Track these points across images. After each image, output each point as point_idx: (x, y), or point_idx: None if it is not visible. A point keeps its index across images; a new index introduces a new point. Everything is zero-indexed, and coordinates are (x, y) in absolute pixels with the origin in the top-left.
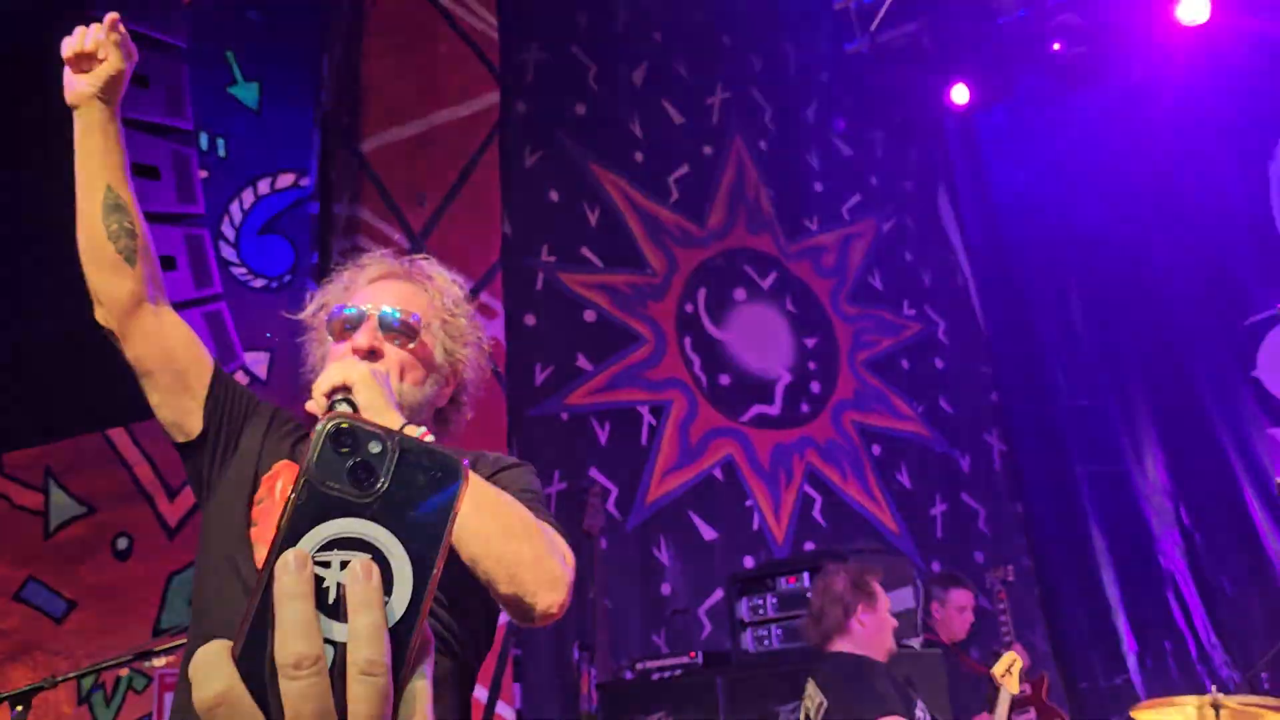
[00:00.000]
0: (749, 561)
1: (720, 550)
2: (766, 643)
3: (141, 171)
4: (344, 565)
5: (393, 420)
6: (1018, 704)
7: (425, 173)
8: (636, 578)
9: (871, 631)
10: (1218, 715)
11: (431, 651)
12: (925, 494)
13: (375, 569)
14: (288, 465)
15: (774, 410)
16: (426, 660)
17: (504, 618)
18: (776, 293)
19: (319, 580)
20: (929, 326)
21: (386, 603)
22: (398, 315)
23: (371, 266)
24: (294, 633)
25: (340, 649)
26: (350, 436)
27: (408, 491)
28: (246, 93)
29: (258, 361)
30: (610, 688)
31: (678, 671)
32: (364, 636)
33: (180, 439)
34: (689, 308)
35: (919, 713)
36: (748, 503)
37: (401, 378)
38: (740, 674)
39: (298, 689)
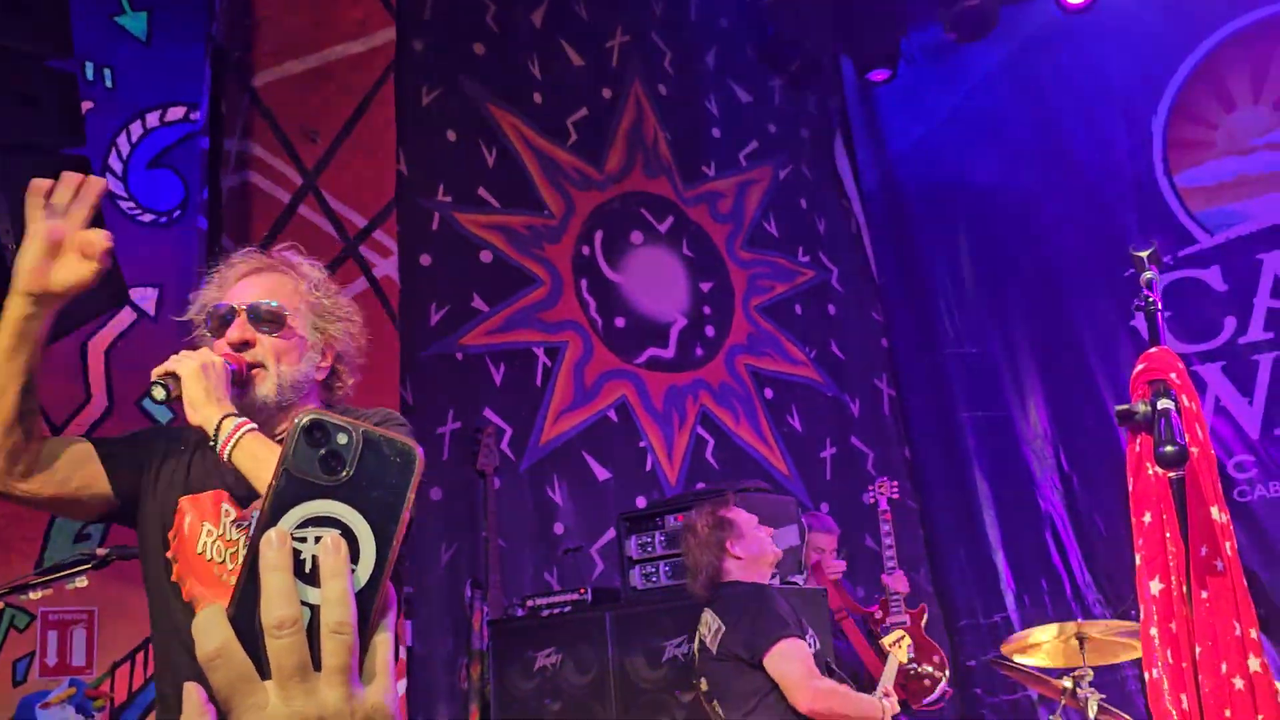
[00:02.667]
0: (642, 502)
1: (613, 490)
2: (654, 579)
3: (22, 101)
4: (317, 540)
5: (211, 412)
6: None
7: (319, 109)
8: (530, 517)
9: (748, 559)
10: (1082, 645)
11: (393, 609)
12: (816, 437)
13: (343, 543)
14: (190, 501)
15: (668, 353)
16: (388, 616)
17: None
18: (673, 237)
19: (296, 553)
20: (822, 273)
21: (353, 571)
22: (264, 307)
23: (239, 264)
24: (277, 599)
25: (315, 610)
26: (321, 430)
27: (371, 475)
28: (134, 23)
29: (145, 298)
30: (501, 625)
31: (567, 608)
32: (334, 600)
33: (121, 519)
34: (585, 250)
35: (809, 639)
36: (641, 444)
37: (279, 361)
38: (628, 610)
39: (281, 645)
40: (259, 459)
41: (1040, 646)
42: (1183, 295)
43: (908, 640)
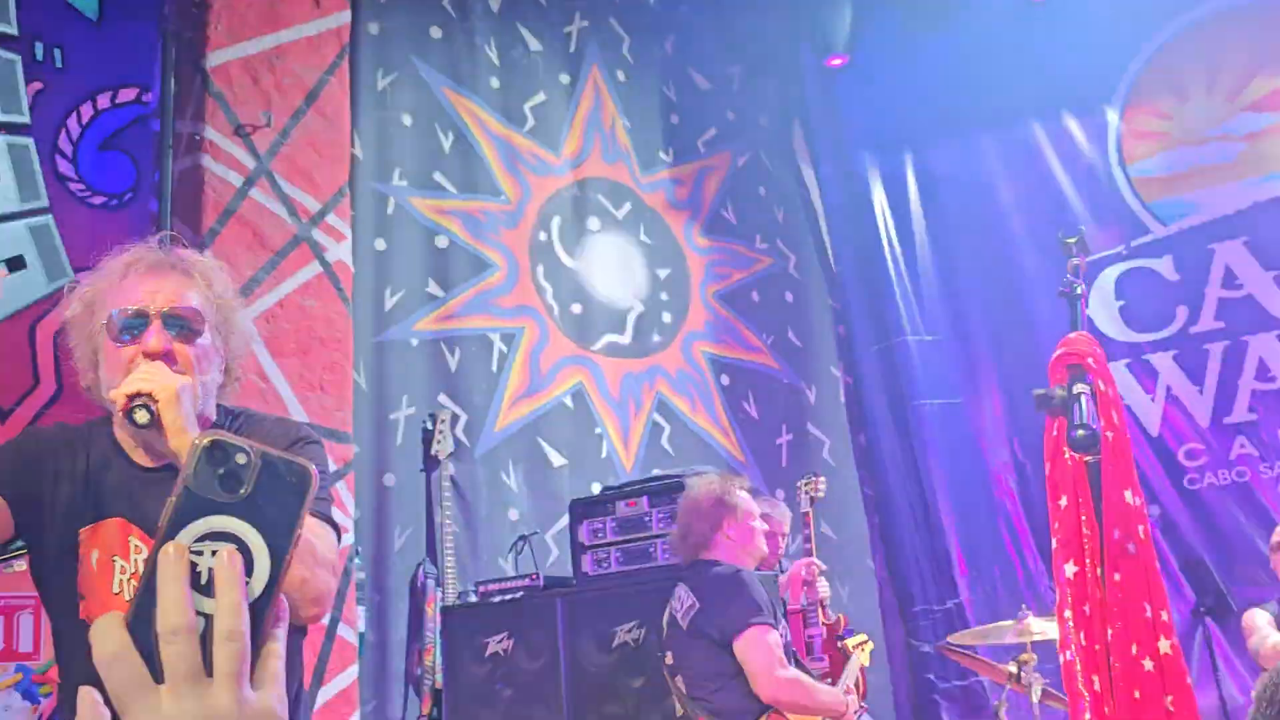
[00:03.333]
0: (598, 489)
1: (569, 477)
2: (605, 565)
3: None
4: (214, 554)
5: (185, 440)
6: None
7: (272, 91)
8: (485, 503)
9: (737, 543)
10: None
11: (285, 619)
12: (772, 424)
13: (239, 556)
14: (90, 533)
15: (625, 339)
16: (280, 625)
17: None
18: (630, 223)
19: (193, 566)
20: (780, 260)
21: (247, 583)
22: (184, 312)
23: (140, 260)
24: (172, 607)
25: (209, 620)
26: (221, 450)
27: (267, 494)
28: (86, 1)
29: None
30: (454, 610)
31: (519, 594)
32: (227, 610)
33: (20, 557)
34: (543, 236)
35: (782, 629)
36: (597, 430)
37: (200, 373)
38: (580, 595)
39: (174, 651)
40: None
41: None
42: (1135, 285)
43: (871, 645)
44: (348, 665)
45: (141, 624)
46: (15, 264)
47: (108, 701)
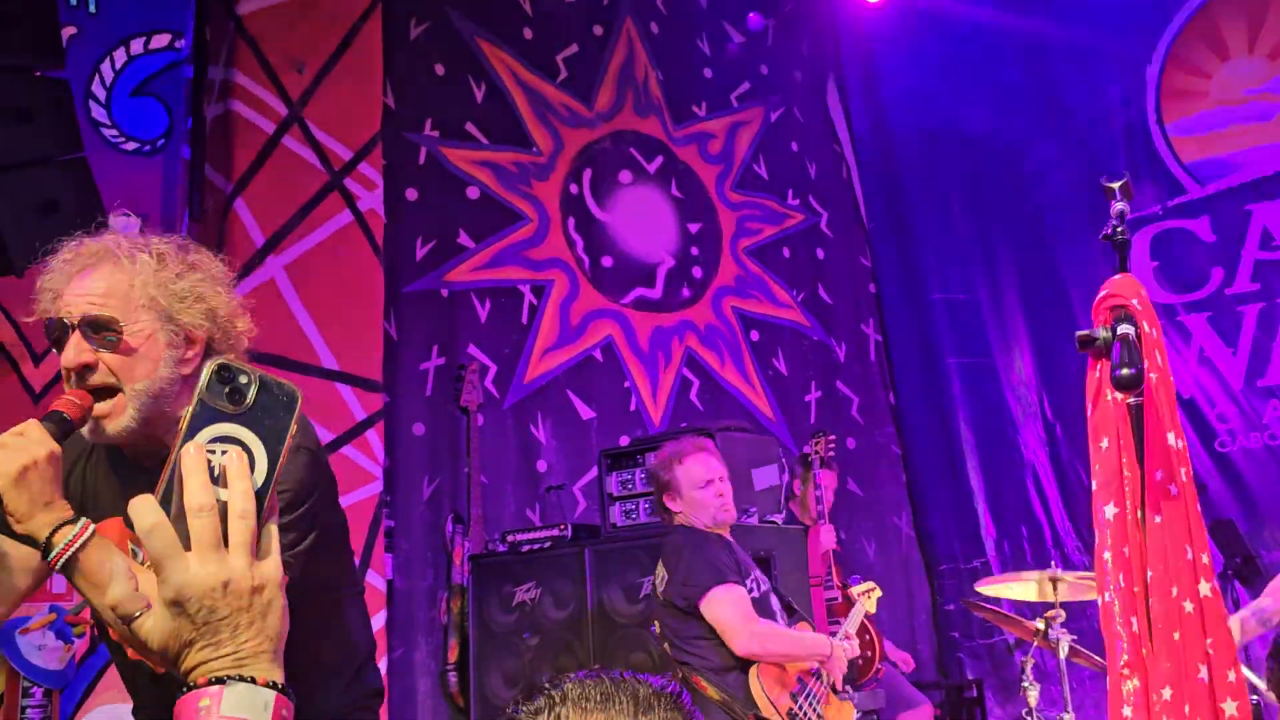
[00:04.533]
0: (625, 441)
1: (597, 429)
2: (634, 516)
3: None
4: (224, 453)
5: (37, 525)
6: (832, 611)
7: (305, 39)
8: (513, 454)
9: (690, 513)
10: (1055, 588)
11: (276, 511)
12: (801, 381)
13: (244, 456)
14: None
15: (655, 293)
16: (274, 515)
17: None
18: (662, 177)
19: (209, 462)
20: (812, 216)
21: (251, 476)
22: (97, 318)
23: (68, 257)
24: (198, 491)
25: (223, 505)
26: (227, 371)
27: (264, 408)
28: None
29: (129, 227)
30: (482, 559)
31: (547, 544)
32: (239, 495)
33: None
34: (574, 188)
35: (749, 583)
36: (626, 384)
37: (129, 381)
38: (608, 546)
39: (200, 524)
40: (90, 579)
41: (1015, 586)
42: (1171, 245)
43: (878, 592)
44: (376, 612)
45: (167, 504)
46: (49, 207)
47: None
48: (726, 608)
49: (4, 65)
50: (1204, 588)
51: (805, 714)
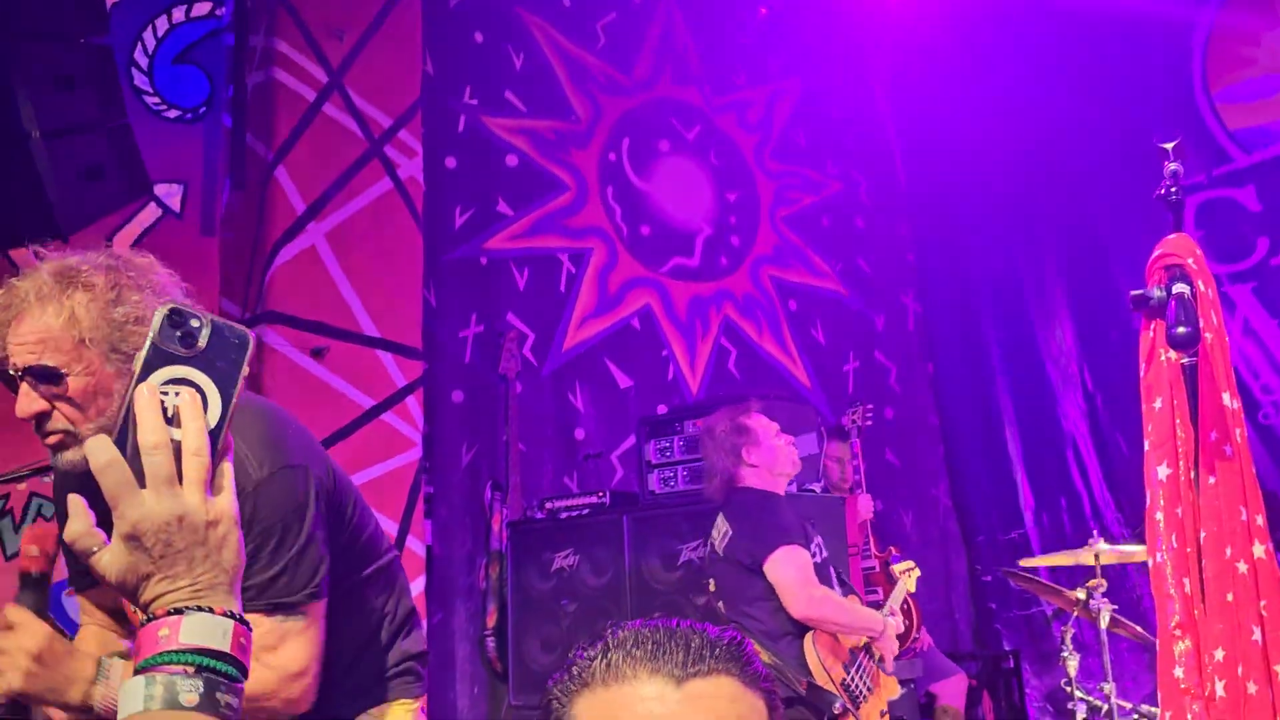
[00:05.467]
0: (663, 410)
1: (635, 398)
2: (672, 484)
3: None
4: (177, 395)
5: (74, 695)
6: (869, 580)
7: (345, 6)
8: (551, 422)
9: (763, 467)
10: (1097, 558)
11: (231, 450)
12: (839, 350)
13: (197, 396)
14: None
15: (693, 262)
16: (228, 455)
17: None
18: (700, 146)
19: (162, 403)
20: (850, 186)
21: (204, 416)
22: (39, 369)
23: (4, 306)
24: (152, 430)
25: (177, 444)
26: (179, 315)
27: (216, 351)
28: None
29: (170, 194)
30: (520, 526)
31: (585, 511)
32: (192, 434)
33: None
34: (612, 156)
35: (813, 548)
36: (664, 353)
37: (82, 421)
38: (646, 513)
39: (154, 460)
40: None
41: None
42: (1216, 215)
43: (917, 572)
44: (415, 578)
45: (122, 444)
46: (94, 174)
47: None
48: (790, 569)
49: (49, 32)
50: (1258, 549)
51: (857, 686)
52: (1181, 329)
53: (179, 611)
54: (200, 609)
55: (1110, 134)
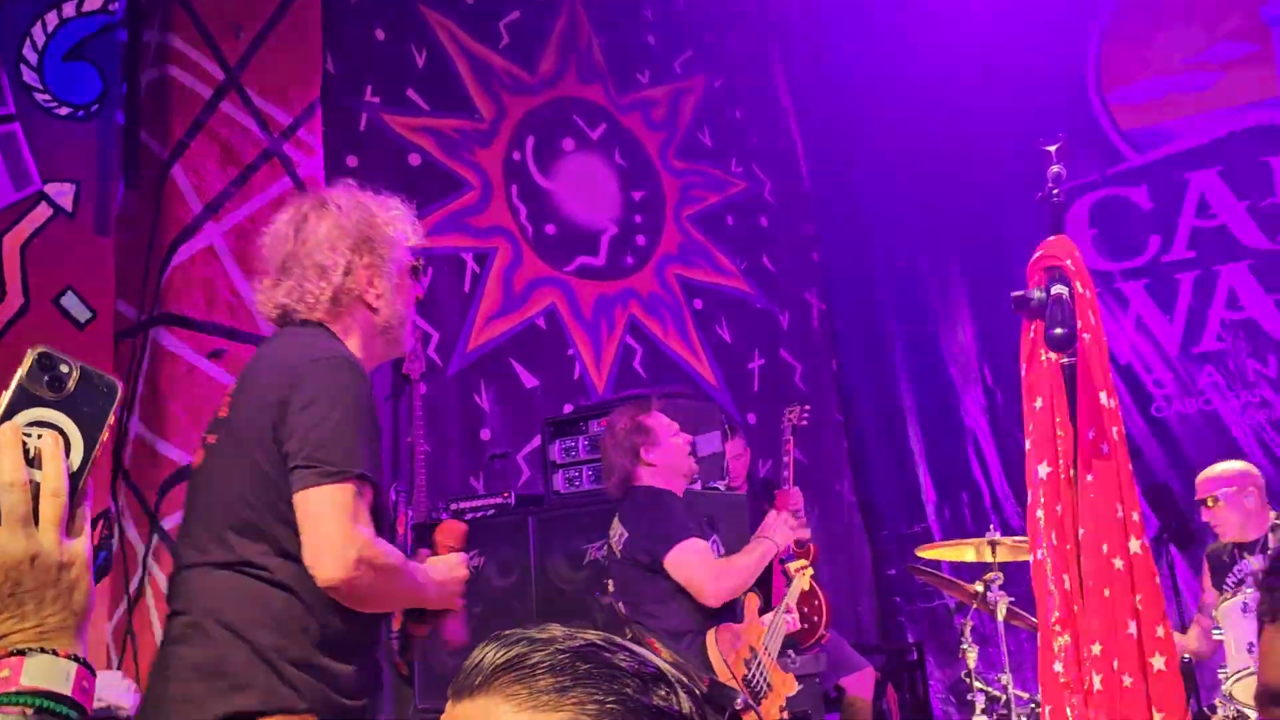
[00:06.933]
0: (568, 409)
1: (541, 398)
2: (578, 483)
3: None
4: (39, 436)
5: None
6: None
7: (242, 2)
8: (456, 423)
9: (661, 466)
10: (994, 552)
11: (90, 496)
12: (744, 348)
13: (59, 439)
14: None
15: (599, 261)
16: (88, 501)
17: None
18: (605, 144)
19: (25, 444)
20: (755, 185)
21: (66, 459)
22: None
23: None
24: (9, 468)
25: (36, 484)
26: (49, 359)
27: (84, 396)
28: None
29: (62, 193)
30: (425, 528)
31: (491, 512)
32: (51, 475)
33: None
34: (516, 155)
35: (712, 544)
36: (569, 352)
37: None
38: (552, 513)
39: (10, 499)
40: None
41: (957, 551)
42: (1110, 213)
43: (811, 570)
44: None
45: None
46: None
47: None
48: (692, 558)
49: None
50: (1134, 545)
51: (758, 680)
52: (1059, 330)
53: (21, 653)
54: (44, 651)
55: (1010, 134)
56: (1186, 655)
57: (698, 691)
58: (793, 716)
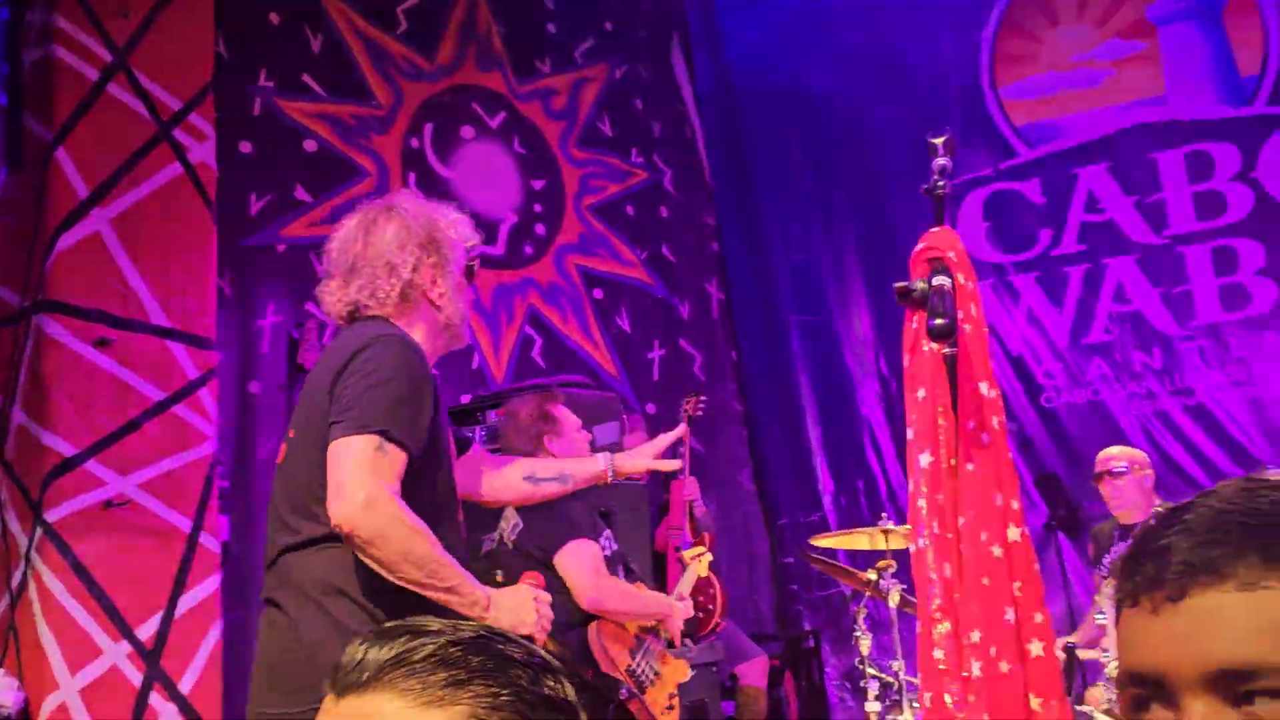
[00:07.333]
0: (467, 400)
1: (439, 387)
2: None
3: None
4: None
5: None
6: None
7: None
8: None
9: (562, 458)
10: (887, 540)
11: None
12: (644, 338)
13: None
14: None
15: (498, 251)
16: None
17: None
18: (505, 133)
19: None
20: (656, 175)
21: None
22: None
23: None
24: None
25: None
26: None
27: None
28: None
29: None
30: None
31: None
32: None
33: None
34: (414, 143)
35: (604, 541)
36: (468, 341)
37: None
38: None
39: None
40: None
41: (850, 539)
42: (1002, 207)
43: (708, 557)
44: (210, 574)
45: None
46: None
47: None
48: (579, 561)
49: None
50: (1013, 533)
51: (643, 670)
52: (939, 320)
53: None
54: None
55: (906, 127)
56: (1072, 641)
57: (579, 681)
58: (689, 706)
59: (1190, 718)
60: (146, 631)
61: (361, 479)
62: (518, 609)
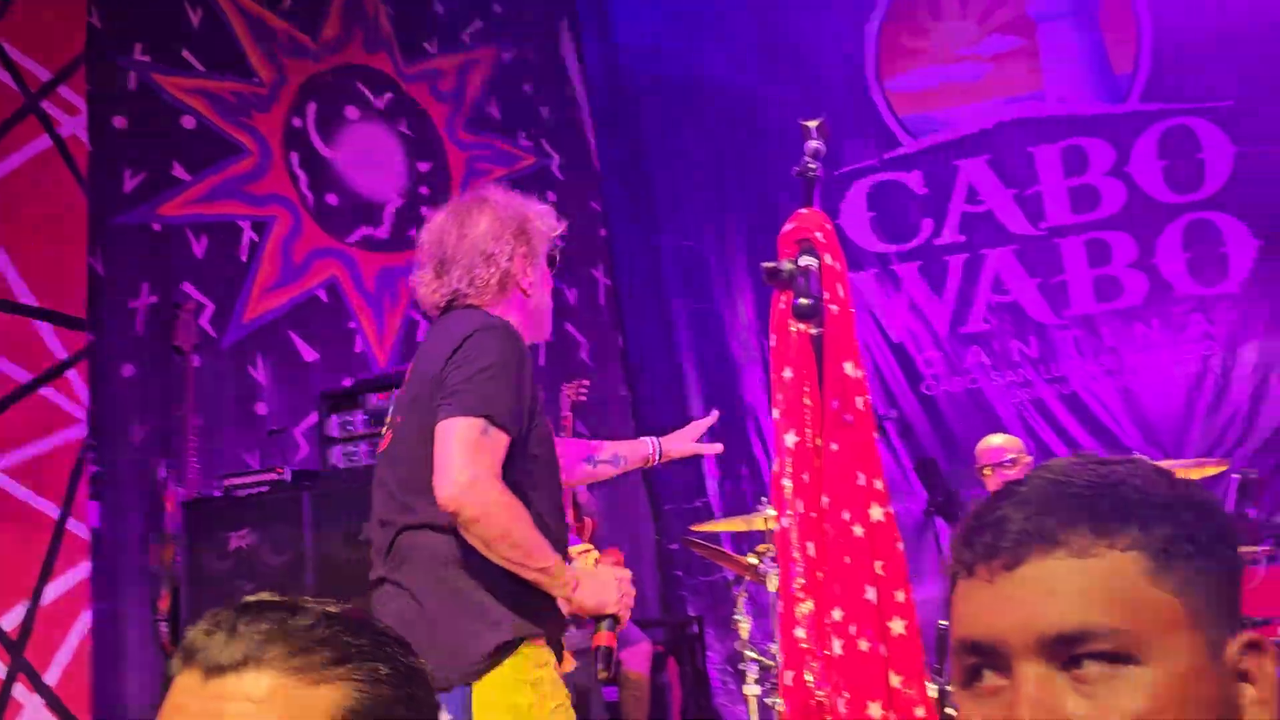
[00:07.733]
0: (349, 384)
1: (320, 371)
2: (355, 459)
3: None
4: None
5: None
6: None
7: None
8: (231, 397)
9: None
10: (766, 523)
11: None
12: None
13: None
14: None
15: (382, 233)
16: None
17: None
18: (391, 114)
19: None
20: (543, 159)
21: None
22: None
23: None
24: None
25: None
26: None
27: None
28: None
29: None
30: (195, 505)
31: (265, 488)
32: None
33: None
34: (297, 122)
35: None
36: (351, 324)
37: None
38: (328, 489)
39: None
40: None
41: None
42: (886, 197)
43: (595, 554)
44: (78, 562)
45: None
46: None
47: None
48: None
49: None
50: (876, 512)
51: None
52: (805, 300)
53: None
54: None
55: (792, 115)
56: (946, 623)
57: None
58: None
59: (1022, 682)
60: (10, 622)
61: (466, 461)
62: (601, 590)
